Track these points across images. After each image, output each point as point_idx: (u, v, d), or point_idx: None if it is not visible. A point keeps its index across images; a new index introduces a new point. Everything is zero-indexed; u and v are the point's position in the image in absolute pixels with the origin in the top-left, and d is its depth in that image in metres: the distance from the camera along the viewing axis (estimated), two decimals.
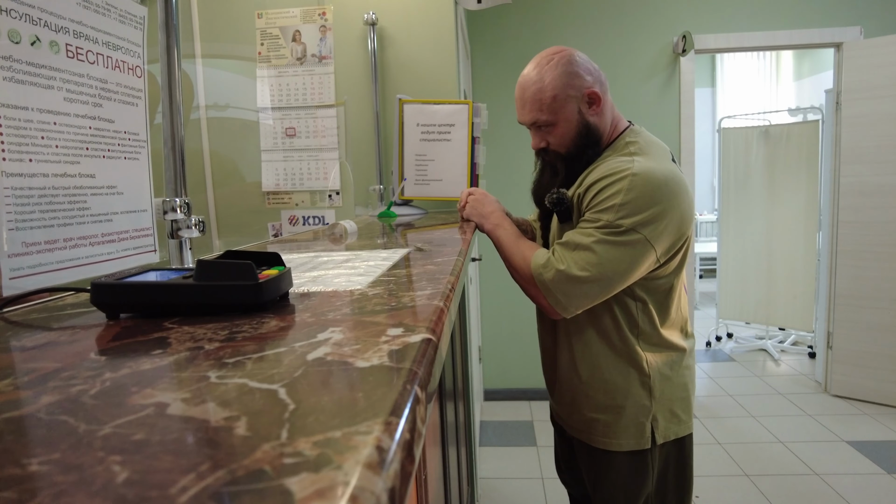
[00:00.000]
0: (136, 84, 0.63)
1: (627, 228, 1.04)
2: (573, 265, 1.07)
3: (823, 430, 2.80)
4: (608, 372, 1.18)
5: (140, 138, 0.64)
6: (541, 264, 1.12)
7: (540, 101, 1.16)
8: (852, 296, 3.12)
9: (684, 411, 1.21)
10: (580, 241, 1.08)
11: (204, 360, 0.32)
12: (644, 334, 1.17)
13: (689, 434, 1.23)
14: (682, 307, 1.24)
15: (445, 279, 0.53)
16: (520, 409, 3.23)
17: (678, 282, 1.20)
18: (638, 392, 1.17)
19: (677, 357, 1.21)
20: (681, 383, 1.21)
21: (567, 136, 1.19)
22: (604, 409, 1.19)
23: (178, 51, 0.70)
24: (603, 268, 1.06)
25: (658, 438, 1.17)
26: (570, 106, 1.16)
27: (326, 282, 0.55)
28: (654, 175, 1.06)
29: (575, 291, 1.08)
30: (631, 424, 1.17)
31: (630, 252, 1.06)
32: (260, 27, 2.05)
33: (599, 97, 1.17)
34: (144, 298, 0.44)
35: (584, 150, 1.20)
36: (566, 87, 1.15)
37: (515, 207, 1.57)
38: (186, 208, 0.72)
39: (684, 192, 1.10)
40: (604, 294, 1.10)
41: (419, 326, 0.36)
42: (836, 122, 3.12)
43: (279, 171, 2.08)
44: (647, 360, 1.17)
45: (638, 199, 1.04)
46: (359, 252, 0.80)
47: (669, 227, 1.07)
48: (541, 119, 1.18)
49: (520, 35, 3.18)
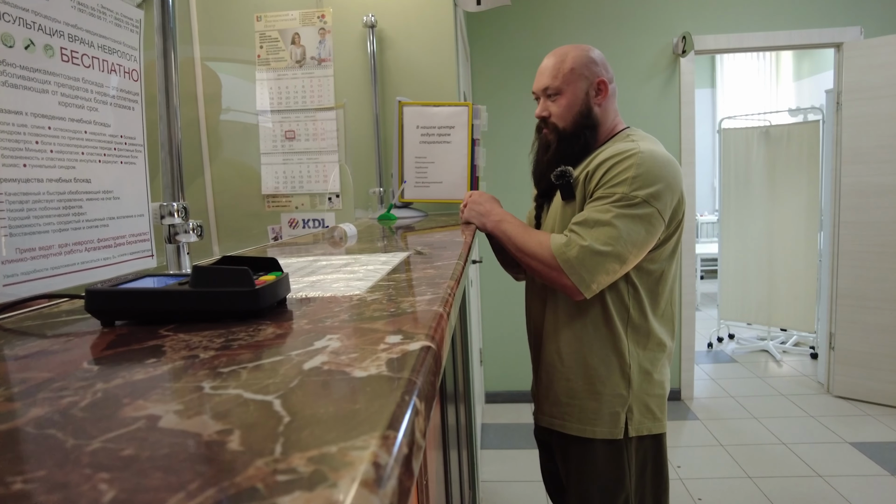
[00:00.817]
0: (132, 88, 0.63)
1: (642, 200, 1.10)
2: (595, 241, 1.10)
3: (826, 432, 2.79)
4: (591, 357, 1.21)
5: (137, 142, 0.64)
6: (562, 244, 1.14)
7: (558, 69, 1.26)
8: (854, 296, 3.11)
9: (659, 409, 1.24)
10: (599, 218, 1.11)
11: (198, 369, 0.32)
12: (633, 323, 1.20)
13: (664, 433, 1.26)
14: (673, 303, 1.25)
15: (445, 284, 0.53)
16: (521, 412, 3.22)
17: (670, 274, 1.23)
18: (617, 381, 1.20)
19: (660, 354, 1.23)
20: (659, 381, 1.24)
21: (569, 111, 1.26)
22: (581, 394, 1.22)
23: (176, 54, 0.70)
24: (622, 241, 1.10)
25: (631, 431, 1.20)
26: (581, 84, 1.25)
27: (325, 287, 0.55)
28: (658, 154, 1.14)
29: (598, 267, 1.11)
30: (606, 412, 1.20)
31: (645, 225, 1.11)
32: (259, 30, 2.04)
33: (607, 87, 1.26)
34: (139, 305, 0.43)
35: (581, 132, 1.26)
36: (583, 67, 1.25)
37: (516, 208, 1.57)
38: (184, 213, 0.71)
39: (680, 176, 1.18)
40: (621, 269, 1.13)
41: (418, 333, 0.35)
42: (837, 122, 3.12)
43: (279, 175, 2.08)
44: (630, 351, 1.20)
45: (648, 173, 1.11)
46: (358, 256, 0.79)
47: (672, 202, 1.14)
48: (552, 86, 1.27)
49: (519, 37, 3.18)
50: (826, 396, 3.24)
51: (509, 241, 1.26)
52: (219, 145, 2.15)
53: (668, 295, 1.23)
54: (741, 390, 3.42)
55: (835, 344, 3.20)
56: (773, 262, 4.03)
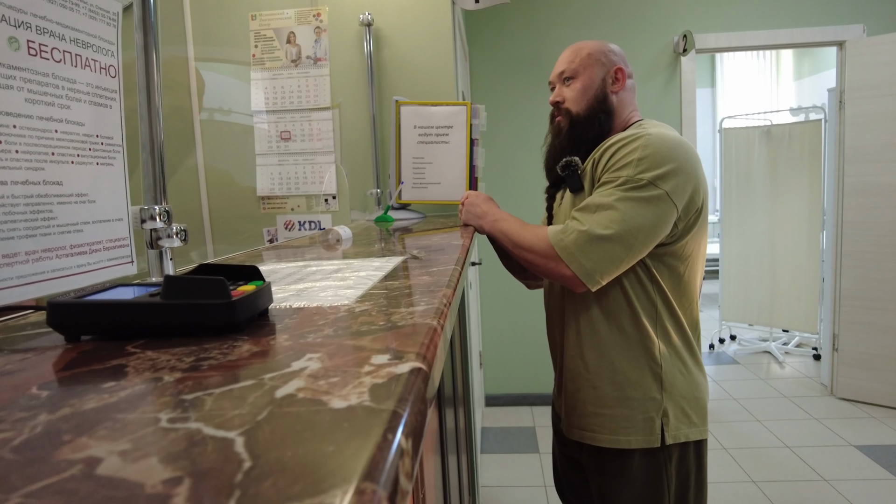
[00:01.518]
0: (109, 85, 0.59)
1: (648, 182, 1.03)
2: (595, 225, 1.04)
3: (831, 435, 2.75)
4: (617, 360, 1.13)
5: (114, 142, 0.60)
6: (558, 230, 1.08)
7: (576, 54, 1.24)
8: (858, 297, 3.07)
9: (697, 413, 1.14)
10: (601, 202, 1.06)
11: (159, 395, 0.28)
12: (661, 320, 1.12)
13: (704, 440, 1.16)
14: (695, 302, 1.20)
15: (441, 293, 0.49)
16: (522, 415, 3.19)
17: (692, 272, 1.16)
18: (648, 384, 1.11)
19: (690, 352, 1.16)
20: (693, 381, 1.15)
21: (583, 95, 1.22)
22: (610, 402, 1.13)
23: (157, 51, 0.66)
24: (626, 224, 1.03)
25: (668, 438, 1.11)
26: (597, 69, 1.22)
27: (312, 296, 0.51)
28: (668, 136, 1.09)
29: (599, 253, 1.04)
30: (639, 418, 1.11)
31: (653, 208, 1.04)
32: (254, 29, 2.01)
33: (624, 76, 1.23)
34: (105, 319, 0.40)
35: (595, 117, 1.21)
36: (601, 54, 1.23)
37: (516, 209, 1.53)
38: (166, 216, 0.68)
39: (697, 159, 1.11)
40: (628, 257, 1.05)
41: (408, 352, 0.32)
42: (840, 121, 3.09)
43: (274, 176, 2.04)
44: (661, 349, 1.12)
45: (655, 154, 1.05)
46: (351, 261, 0.76)
47: (687, 185, 1.06)
48: (568, 69, 1.24)
49: (519, 35, 3.15)
50: (830, 398, 3.20)
51: (507, 239, 1.20)
52: (214, 146, 2.12)
53: (690, 294, 1.16)
54: (744, 392, 3.39)
55: (838, 345, 3.17)
56: (775, 262, 4.00)
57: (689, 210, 1.09)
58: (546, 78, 1.28)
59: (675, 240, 1.10)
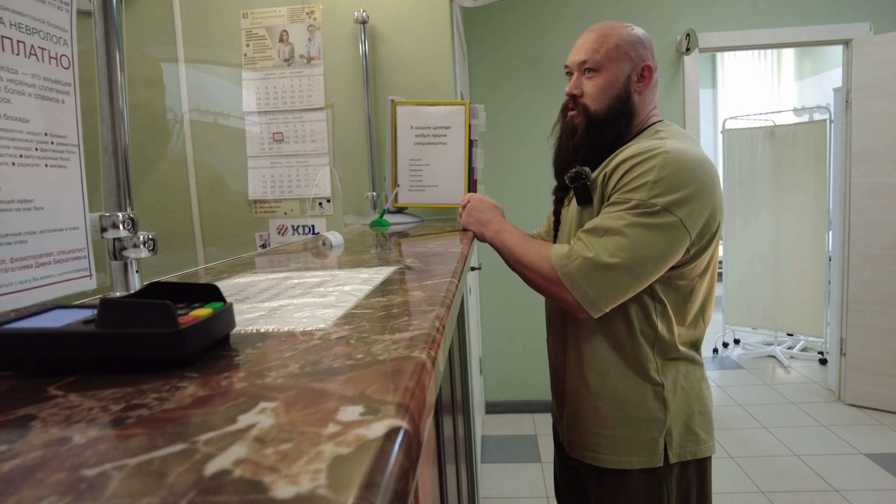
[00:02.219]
0: (61, 76, 0.53)
1: (662, 208, 0.95)
2: (602, 251, 0.97)
3: (840, 443, 2.68)
4: (619, 380, 1.08)
5: (68, 142, 0.53)
6: (563, 254, 1.01)
7: (602, 43, 1.10)
8: (866, 301, 3.01)
9: (703, 428, 1.09)
10: (610, 226, 0.98)
11: (56, 468, 0.21)
12: (660, 339, 1.07)
13: (710, 457, 1.11)
14: (706, 320, 1.13)
15: (433, 313, 0.42)
16: (523, 423, 3.11)
17: (702, 289, 1.09)
18: (651, 404, 1.06)
19: (693, 367, 1.11)
20: (698, 395, 1.10)
21: (605, 92, 1.10)
22: (611, 423, 1.08)
23: (120, 41, 0.60)
24: (635, 253, 0.96)
25: (672, 457, 1.06)
26: (624, 65, 1.10)
27: (285, 317, 0.44)
28: (687, 155, 0.99)
29: (605, 282, 0.97)
30: (642, 439, 1.06)
31: (665, 237, 0.96)
32: (245, 27, 1.94)
33: (651, 74, 1.11)
34: (26, 352, 0.33)
35: (615, 118, 1.11)
36: (629, 46, 1.10)
37: (516, 213, 1.47)
38: (131, 224, 0.61)
39: (717, 179, 1.02)
40: (634, 286, 0.99)
41: (386, 403, 0.25)
42: (846, 121, 3.02)
43: (266, 179, 1.98)
44: (660, 369, 1.07)
45: (671, 176, 0.96)
46: (337, 272, 0.69)
47: (703, 212, 0.99)
48: (592, 60, 1.11)
49: (519, 33, 3.08)
50: (838, 404, 3.13)
51: (508, 253, 1.14)
52: (205, 149, 2.05)
53: (697, 310, 1.10)
54: (749, 398, 3.32)
55: (846, 350, 3.10)
56: (780, 264, 3.93)
57: (703, 235, 1.02)
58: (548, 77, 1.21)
59: (685, 263, 1.04)
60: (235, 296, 0.56)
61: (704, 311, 1.12)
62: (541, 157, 2.90)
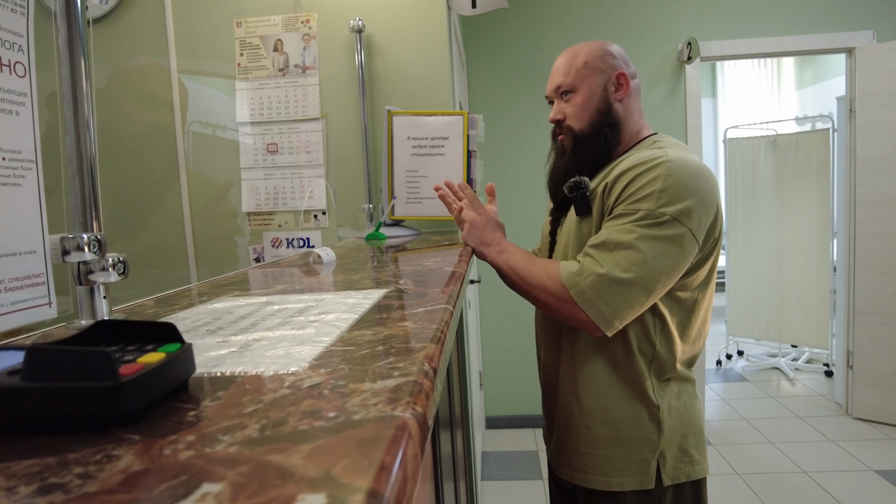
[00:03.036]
0: (15, 86, 0.48)
1: (671, 218, 0.92)
2: (614, 267, 0.93)
3: (849, 458, 2.62)
4: (612, 399, 1.04)
5: (23, 157, 0.49)
6: (574, 272, 0.97)
7: (570, 65, 1.11)
8: (873, 312, 2.95)
9: (697, 449, 1.06)
10: (620, 240, 0.94)
11: None
12: (657, 358, 1.03)
13: (704, 478, 1.08)
14: (703, 334, 1.10)
15: (423, 353, 0.37)
16: (524, 438, 3.05)
17: (704, 301, 1.06)
18: (645, 425, 1.03)
19: (686, 386, 1.07)
20: (692, 416, 1.07)
21: (585, 109, 1.10)
22: (603, 443, 1.05)
23: (84, 47, 0.55)
24: (648, 267, 0.92)
25: (665, 479, 1.03)
26: (597, 78, 1.10)
27: (256, 355, 0.39)
28: (689, 164, 0.97)
29: (620, 299, 0.93)
30: (634, 461, 1.03)
31: (676, 248, 0.93)
32: (239, 36, 1.91)
33: (628, 81, 1.10)
34: None
35: (601, 131, 1.09)
36: (598, 59, 1.10)
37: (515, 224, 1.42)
38: (97, 246, 0.56)
39: (717, 189, 1.00)
40: (648, 301, 0.95)
41: (356, 491, 0.20)
42: (850, 129, 2.98)
43: (260, 191, 1.93)
44: (656, 389, 1.03)
45: (677, 185, 0.93)
46: (323, 295, 0.64)
47: (707, 221, 0.97)
48: (565, 83, 1.11)
49: (518, 43, 3.05)
50: (845, 418, 3.07)
51: (514, 274, 1.10)
52: (197, 161, 2.01)
53: (699, 326, 1.07)
54: (754, 412, 3.25)
55: (853, 362, 3.04)
56: (784, 275, 3.88)
57: (706, 243, 1.00)
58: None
59: (687, 273, 1.01)
60: (208, 325, 0.51)
61: (704, 325, 1.09)
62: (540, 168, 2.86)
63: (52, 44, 0.54)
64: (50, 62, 0.57)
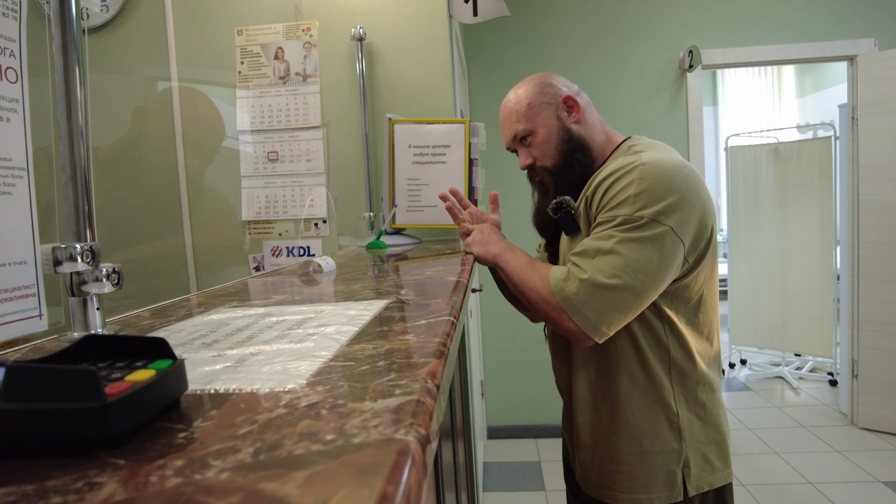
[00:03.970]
0: (7, 92, 0.47)
1: (649, 220, 0.92)
2: (597, 273, 0.92)
3: (856, 469, 2.58)
4: (631, 411, 1.02)
5: (14, 165, 0.47)
6: (560, 278, 0.96)
7: (517, 112, 1.12)
8: (877, 321, 2.93)
9: (719, 457, 1.04)
10: (599, 246, 0.94)
11: None
12: (675, 362, 1.01)
13: (729, 484, 1.06)
14: (716, 330, 1.08)
15: (426, 368, 0.36)
16: (526, 449, 3.02)
17: (710, 296, 1.04)
18: (666, 435, 1.01)
19: (709, 391, 1.05)
20: (714, 423, 1.05)
21: (548, 144, 1.10)
22: (627, 458, 1.02)
23: (79, 53, 0.54)
24: (631, 270, 0.91)
25: (690, 489, 1.01)
26: (547, 112, 1.10)
27: (252, 371, 0.38)
28: (665, 163, 0.96)
29: (605, 304, 0.92)
30: (660, 473, 1.01)
31: (658, 248, 0.92)
32: (240, 45, 1.90)
33: (576, 102, 1.10)
34: None
35: (571, 157, 1.09)
36: (539, 95, 1.11)
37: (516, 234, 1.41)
38: (90, 256, 0.55)
39: (701, 183, 0.98)
40: (637, 305, 0.94)
41: None
42: (853, 137, 2.97)
43: (260, 199, 1.92)
44: (676, 396, 1.01)
45: (653, 186, 0.93)
46: (323, 307, 0.62)
47: (693, 216, 0.95)
48: (519, 130, 1.12)
49: (519, 51, 3.05)
50: (851, 428, 3.04)
51: (514, 273, 1.08)
52: (198, 169, 2.00)
53: (709, 321, 1.05)
54: (759, 422, 3.22)
55: (858, 372, 3.01)
56: (787, 283, 3.86)
57: (697, 241, 0.98)
58: None
59: (686, 273, 1.00)
60: (204, 338, 0.50)
61: (714, 319, 1.07)
62: None
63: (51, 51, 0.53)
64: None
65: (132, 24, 1.98)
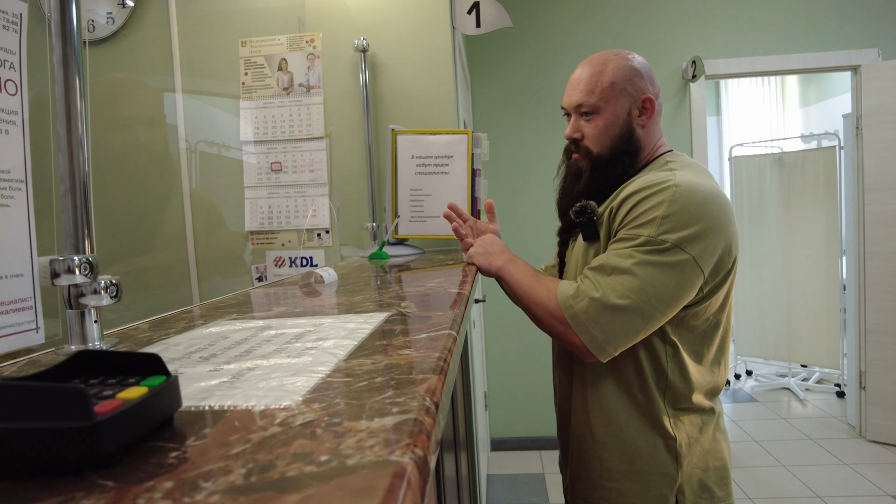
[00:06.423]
0: (7, 104, 0.47)
1: (672, 245, 0.89)
2: (610, 292, 0.90)
3: (865, 483, 2.55)
4: (626, 430, 1.00)
5: (12, 177, 0.47)
6: (569, 295, 0.94)
7: (595, 83, 1.04)
8: (885, 332, 2.90)
9: (719, 485, 1.01)
10: (617, 264, 0.91)
11: None
12: (672, 388, 0.99)
13: None
14: (721, 362, 1.05)
15: (425, 385, 0.35)
16: (530, 460, 2.99)
17: (719, 329, 1.02)
18: (662, 458, 0.98)
19: (709, 418, 1.02)
20: (714, 448, 1.02)
21: (606, 133, 1.04)
22: (618, 475, 1.00)
23: (79, 63, 0.54)
24: (646, 294, 0.89)
25: None
26: (622, 102, 1.04)
27: (248, 387, 0.37)
28: (699, 188, 0.92)
29: (614, 325, 0.90)
30: (651, 496, 0.98)
31: (676, 275, 0.89)
32: (244, 56, 1.91)
33: (653, 105, 1.05)
34: None
35: (619, 158, 1.05)
36: (626, 80, 1.03)
37: (520, 244, 1.40)
38: (89, 268, 0.54)
39: (730, 213, 0.95)
40: (645, 328, 0.92)
41: None
42: (857, 147, 2.96)
43: (263, 209, 1.92)
44: (671, 420, 0.99)
45: (682, 211, 0.89)
46: (322, 320, 0.62)
47: (717, 248, 0.92)
48: (588, 103, 1.04)
49: (522, 61, 3.06)
50: (859, 441, 3.00)
51: (517, 285, 1.06)
52: (201, 180, 2.01)
53: (715, 353, 1.02)
54: (765, 434, 3.19)
55: (865, 383, 2.98)
56: (792, 293, 3.83)
57: (717, 272, 0.95)
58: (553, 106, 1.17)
59: (698, 301, 0.97)
60: (202, 352, 0.49)
61: (723, 353, 1.04)
62: (545, 188, 2.84)
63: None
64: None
65: (137, 36, 1.99)
